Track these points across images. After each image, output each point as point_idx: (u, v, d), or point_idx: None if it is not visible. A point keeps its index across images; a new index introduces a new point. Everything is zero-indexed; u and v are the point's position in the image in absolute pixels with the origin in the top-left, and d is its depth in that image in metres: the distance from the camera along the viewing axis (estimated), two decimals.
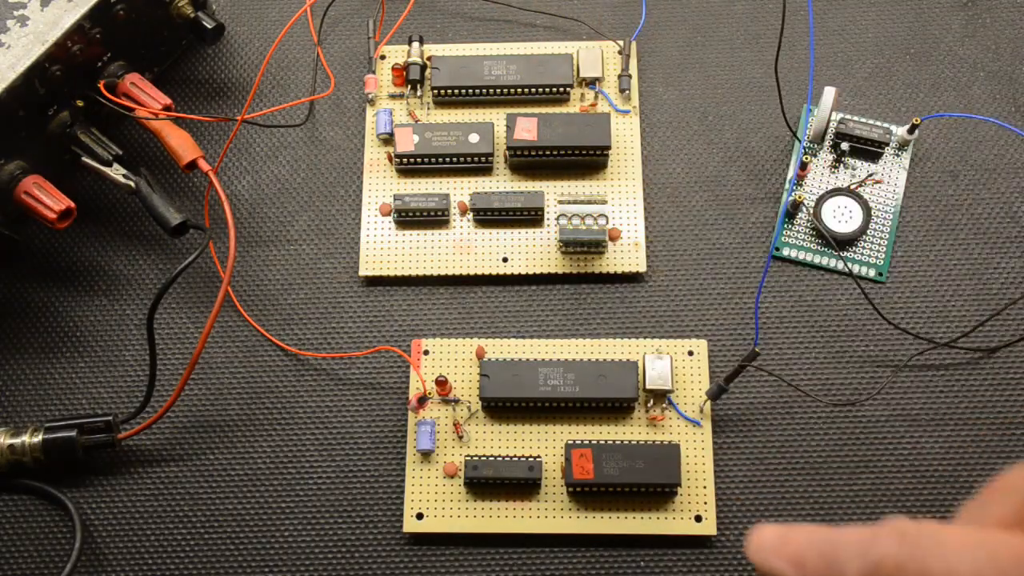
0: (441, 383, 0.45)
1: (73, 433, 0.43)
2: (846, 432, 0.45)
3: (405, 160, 0.49)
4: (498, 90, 0.50)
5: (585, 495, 0.43)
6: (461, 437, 0.45)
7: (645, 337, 0.47)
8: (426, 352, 0.46)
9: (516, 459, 0.43)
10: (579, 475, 0.43)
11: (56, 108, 0.46)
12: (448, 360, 0.46)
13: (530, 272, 0.48)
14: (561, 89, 0.50)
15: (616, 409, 0.45)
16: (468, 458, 0.44)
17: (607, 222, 0.46)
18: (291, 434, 0.46)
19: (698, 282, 0.48)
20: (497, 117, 0.50)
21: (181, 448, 0.46)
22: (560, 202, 0.47)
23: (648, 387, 0.44)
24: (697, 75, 0.52)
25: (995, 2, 0.53)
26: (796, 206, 0.48)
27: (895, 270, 0.48)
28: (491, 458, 0.44)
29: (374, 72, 0.51)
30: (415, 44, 0.51)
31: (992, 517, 0.30)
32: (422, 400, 0.44)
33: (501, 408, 0.45)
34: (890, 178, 0.49)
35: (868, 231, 0.48)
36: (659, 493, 0.43)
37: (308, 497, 0.45)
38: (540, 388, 0.44)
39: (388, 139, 0.50)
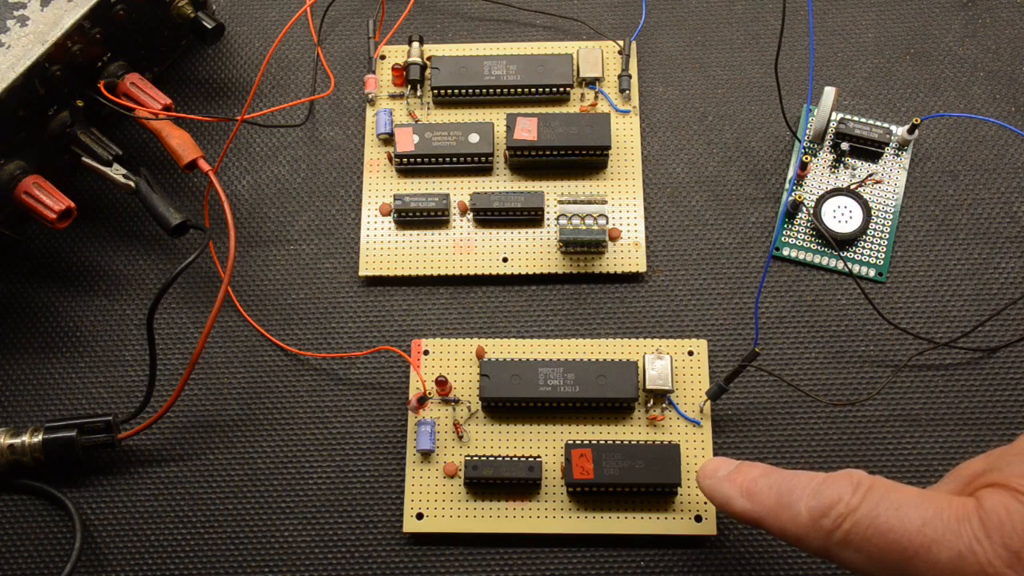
0: (441, 383, 0.45)
1: (73, 433, 0.43)
2: (846, 432, 0.45)
3: (405, 160, 0.49)
4: (498, 90, 0.50)
5: (585, 495, 0.43)
6: (461, 437, 0.45)
7: (645, 337, 0.47)
8: (426, 352, 0.46)
9: (516, 459, 0.43)
10: (579, 475, 0.43)
11: (56, 108, 0.46)
12: (448, 360, 0.46)
13: (530, 272, 0.48)
14: (561, 89, 0.50)
15: (616, 409, 0.45)
16: (468, 458, 0.44)
17: (607, 222, 0.46)
18: (291, 434, 0.46)
19: (698, 282, 0.48)
20: (497, 117, 0.50)
21: (181, 448, 0.46)
22: (560, 202, 0.47)
23: (648, 387, 0.44)
24: (697, 75, 0.52)
25: (995, 2, 0.53)
26: (796, 206, 0.48)
27: (895, 270, 0.48)
28: (491, 458, 0.44)
29: (374, 72, 0.51)
30: (415, 44, 0.51)
31: (942, 490, 0.32)
32: (422, 400, 0.44)
33: (501, 408, 0.45)
34: (890, 178, 0.49)
35: (868, 231, 0.48)
36: (659, 493, 0.43)
37: (308, 497, 0.45)
38: (540, 388, 0.44)
39: (388, 139, 0.50)
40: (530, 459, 0.44)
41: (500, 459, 0.43)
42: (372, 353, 0.47)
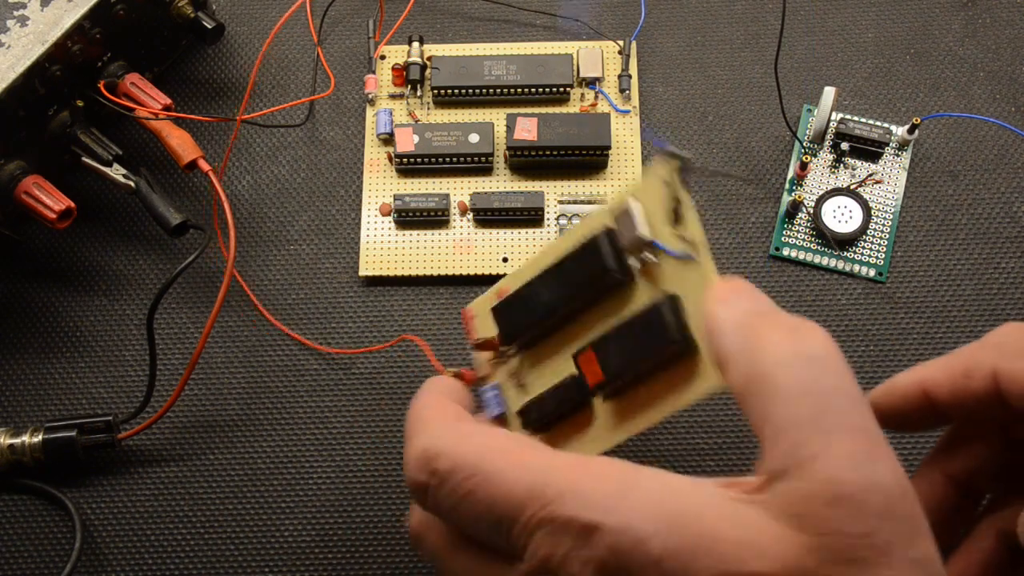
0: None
1: (73, 433, 0.43)
2: None
3: (405, 160, 0.49)
4: (498, 90, 0.50)
5: None
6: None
7: None
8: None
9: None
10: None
11: (56, 108, 0.46)
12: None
13: None
14: (561, 89, 0.50)
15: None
16: None
17: None
18: (291, 434, 0.46)
19: None
20: (497, 117, 0.50)
21: (181, 448, 0.46)
22: (560, 202, 0.47)
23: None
24: (697, 75, 0.52)
25: (995, 2, 0.53)
26: (796, 206, 0.48)
27: (895, 270, 0.48)
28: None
29: (374, 72, 0.51)
30: (415, 44, 0.51)
31: None
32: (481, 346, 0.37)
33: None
34: (890, 178, 0.49)
35: (868, 231, 0.48)
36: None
37: (308, 497, 0.45)
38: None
39: (388, 139, 0.50)
40: None
41: None
42: (375, 351, 0.47)
